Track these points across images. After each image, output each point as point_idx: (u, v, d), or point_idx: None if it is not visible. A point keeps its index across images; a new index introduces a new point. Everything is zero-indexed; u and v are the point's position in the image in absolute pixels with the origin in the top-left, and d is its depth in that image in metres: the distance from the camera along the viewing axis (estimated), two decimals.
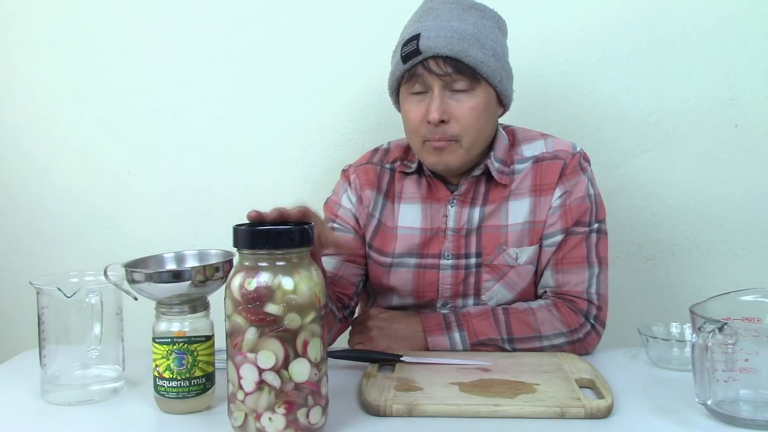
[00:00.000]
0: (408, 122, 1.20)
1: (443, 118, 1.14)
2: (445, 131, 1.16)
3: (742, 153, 1.55)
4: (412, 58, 1.14)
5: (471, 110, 1.15)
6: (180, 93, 1.63)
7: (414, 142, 1.21)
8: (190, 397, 0.92)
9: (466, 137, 1.16)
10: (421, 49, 1.13)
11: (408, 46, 1.15)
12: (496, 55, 1.17)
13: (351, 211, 1.30)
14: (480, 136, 1.18)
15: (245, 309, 0.80)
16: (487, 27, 1.17)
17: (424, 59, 1.14)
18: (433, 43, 1.12)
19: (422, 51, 1.13)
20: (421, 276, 1.25)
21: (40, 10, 1.64)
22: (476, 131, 1.17)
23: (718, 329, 0.82)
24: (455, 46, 1.12)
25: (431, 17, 1.15)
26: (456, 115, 1.15)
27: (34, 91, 1.67)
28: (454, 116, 1.15)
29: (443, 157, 1.18)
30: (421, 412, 0.88)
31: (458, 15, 1.15)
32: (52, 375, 0.99)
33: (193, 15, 1.62)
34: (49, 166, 1.68)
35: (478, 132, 1.17)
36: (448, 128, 1.16)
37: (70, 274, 1.02)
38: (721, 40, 1.53)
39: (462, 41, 1.12)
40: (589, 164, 1.25)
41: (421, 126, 1.17)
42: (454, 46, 1.12)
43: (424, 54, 1.13)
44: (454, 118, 1.15)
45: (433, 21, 1.14)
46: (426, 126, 1.16)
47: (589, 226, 1.21)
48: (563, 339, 1.15)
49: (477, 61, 1.13)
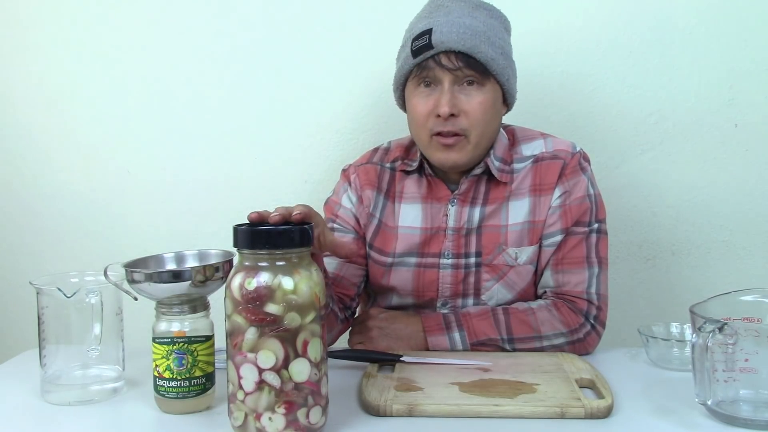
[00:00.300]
0: (415, 116, 1.20)
1: (453, 111, 1.15)
2: (454, 124, 1.16)
3: (742, 153, 1.55)
4: (424, 53, 1.15)
5: (480, 105, 1.16)
6: (180, 93, 1.63)
7: (421, 137, 1.21)
8: (190, 397, 0.92)
9: (474, 131, 1.16)
10: (434, 44, 1.13)
11: (419, 41, 1.15)
12: (504, 54, 1.18)
13: (351, 211, 1.30)
14: (486, 131, 1.18)
15: (245, 309, 0.80)
16: (495, 26, 1.18)
17: (436, 54, 1.14)
18: (446, 38, 1.13)
19: (434, 45, 1.13)
20: (421, 275, 1.25)
21: (39, 10, 1.64)
22: (484, 126, 1.17)
23: (718, 329, 0.82)
24: (467, 41, 1.13)
25: (442, 13, 1.16)
26: (465, 109, 1.16)
27: (34, 90, 1.67)
28: (463, 110, 1.16)
29: (451, 154, 1.18)
30: (421, 412, 0.88)
31: (468, 12, 1.16)
32: (52, 375, 0.99)
33: (193, 15, 1.62)
34: (49, 165, 1.67)
35: (485, 127, 1.18)
36: (457, 122, 1.16)
37: (70, 274, 1.02)
38: (721, 40, 1.53)
39: (473, 37, 1.13)
40: (589, 164, 1.25)
41: (429, 120, 1.17)
42: (467, 42, 1.13)
43: (436, 48, 1.14)
44: (463, 112, 1.16)
45: (444, 17, 1.15)
46: (434, 120, 1.16)
47: (589, 226, 1.21)
48: (563, 339, 1.16)
49: (488, 58, 1.14)
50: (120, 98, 1.65)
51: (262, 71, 1.61)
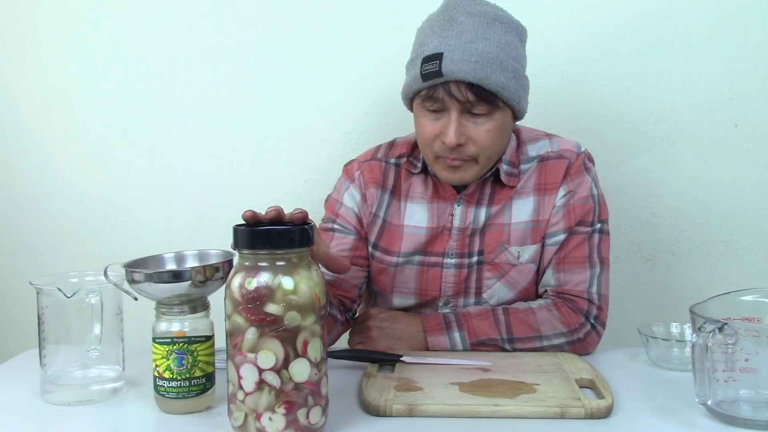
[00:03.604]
0: (422, 136, 1.18)
1: (460, 141, 1.12)
2: (461, 152, 1.14)
3: (742, 153, 1.55)
4: (433, 78, 1.11)
5: (488, 132, 1.13)
6: (180, 93, 1.63)
7: (426, 155, 1.20)
8: (190, 397, 0.92)
9: (483, 155, 1.15)
10: (444, 72, 1.09)
11: (429, 65, 1.11)
12: (517, 76, 1.14)
13: (353, 210, 1.28)
14: (496, 153, 1.18)
15: (245, 309, 0.80)
16: (510, 43, 1.13)
17: (445, 82, 1.10)
18: (457, 68, 1.08)
19: (444, 74, 1.09)
20: (424, 274, 1.25)
21: (40, 11, 1.64)
22: (492, 150, 1.16)
23: (718, 329, 0.82)
24: (479, 72, 1.09)
25: (455, 33, 1.11)
26: (473, 136, 1.13)
27: (34, 91, 1.67)
28: (471, 138, 1.13)
29: (458, 174, 1.17)
30: (421, 412, 0.88)
31: (482, 33, 1.11)
32: (52, 375, 0.99)
33: (193, 15, 1.62)
34: (49, 166, 1.68)
35: (494, 150, 1.16)
36: (464, 149, 1.14)
37: (70, 274, 1.02)
38: (721, 40, 1.53)
39: (485, 67, 1.09)
40: (593, 164, 1.25)
41: (435, 142, 1.15)
42: (478, 73, 1.09)
43: (446, 77, 1.09)
44: (471, 140, 1.14)
45: (456, 39, 1.10)
46: (440, 145, 1.15)
47: (592, 226, 1.21)
48: (563, 339, 1.15)
49: (499, 87, 1.10)
50: (120, 98, 1.65)
51: (262, 71, 1.61)
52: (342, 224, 1.28)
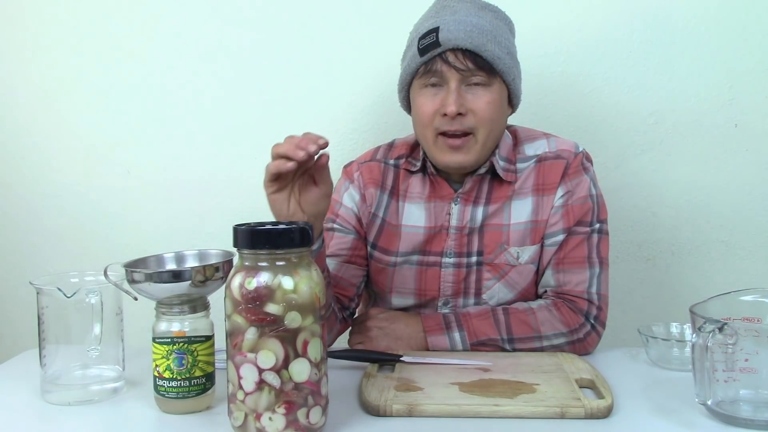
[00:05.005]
0: (421, 116, 1.19)
1: (461, 110, 1.14)
2: (462, 123, 1.15)
3: (742, 153, 1.55)
4: (431, 51, 1.14)
5: (487, 104, 1.16)
6: (180, 93, 1.64)
7: (426, 137, 1.20)
8: (190, 397, 0.92)
9: (482, 130, 1.16)
10: (441, 41, 1.13)
11: (426, 39, 1.15)
12: (510, 54, 1.18)
13: (353, 210, 1.29)
14: (493, 131, 1.18)
15: (245, 309, 0.80)
16: (501, 27, 1.18)
17: (443, 52, 1.14)
18: (453, 35, 1.13)
19: (442, 43, 1.13)
20: (423, 274, 1.25)
21: (40, 10, 1.64)
22: (491, 125, 1.17)
23: (718, 329, 0.82)
24: (475, 39, 1.13)
25: (449, 12, 1.16)
26: (473, 107, 1.15)
27: (34, 90, 1.67)
28: (470, 109, 1.15)
29: (458, 155, 1.18)
30: (421, 412, 0.88)
31: (475, 12, 1.16)
32: (52, 375, 0.99)
33: (193, 15, 1.62)
34: (49, 165, 1.68)
35: (493, 126, 1.17)
36: (464, 121, 1.15)
37: (70, 274, 1.02)
38: (721, 40, 1.53)
39: (481, 36, 1.13)
40: (591, 164, 1.25)
41: (435, 119, 1.17)
42: (474, 40, 1.13)
43: (443, 46, 1.13)
44: (470, 111, 1.15)
45: (451, 16, 1.15)
46: (440, 119, 1.16)
47: (591, 226, 1.21)
48: (563, 339, 1.16)
49: (495, 57, 1.14)
50: (120, 98, 1.65)
51: (262, 71, 1.62)
52: (341, 224, 1.28)
